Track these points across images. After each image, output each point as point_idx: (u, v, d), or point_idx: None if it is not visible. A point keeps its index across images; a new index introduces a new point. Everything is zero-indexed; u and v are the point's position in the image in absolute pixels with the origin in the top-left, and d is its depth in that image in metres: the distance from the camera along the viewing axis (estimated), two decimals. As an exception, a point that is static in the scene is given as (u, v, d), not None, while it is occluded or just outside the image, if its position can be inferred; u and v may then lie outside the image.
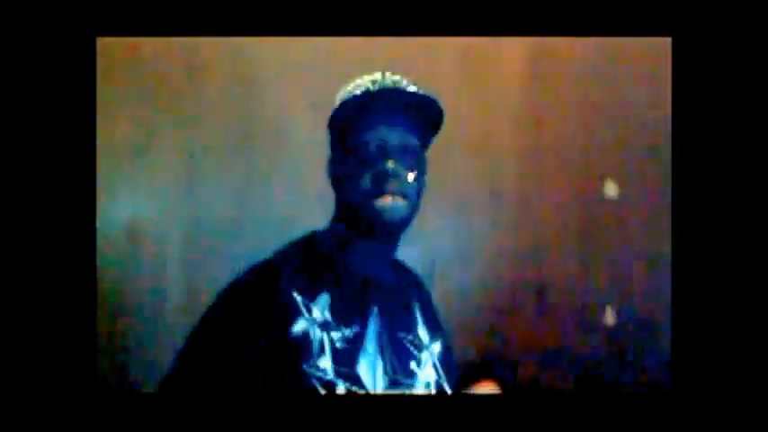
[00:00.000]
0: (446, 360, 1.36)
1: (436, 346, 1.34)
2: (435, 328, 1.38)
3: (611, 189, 1.53)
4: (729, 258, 1.25)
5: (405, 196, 1.23)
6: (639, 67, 1.45)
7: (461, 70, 1.46)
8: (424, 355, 1.30)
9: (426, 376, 1.29)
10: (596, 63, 1.47)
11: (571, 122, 1.51)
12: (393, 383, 1.24)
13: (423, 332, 1.33)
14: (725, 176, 1.26)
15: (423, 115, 1.27)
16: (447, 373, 1.34)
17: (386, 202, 1.21)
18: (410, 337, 1.30)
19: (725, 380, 1.20)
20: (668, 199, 1.27)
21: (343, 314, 1.22)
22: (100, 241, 1.30)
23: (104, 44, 1.40)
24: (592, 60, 1.45)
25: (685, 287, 1.24)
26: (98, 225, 1.38)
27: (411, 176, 1.23)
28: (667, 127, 1.35)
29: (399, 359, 1.25)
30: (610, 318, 1.47)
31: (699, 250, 1.26)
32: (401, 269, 1.40)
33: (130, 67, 1.39)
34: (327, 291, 1.22)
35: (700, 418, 1.18)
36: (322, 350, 1.17)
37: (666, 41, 1.31)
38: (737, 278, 1.24)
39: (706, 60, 1.29)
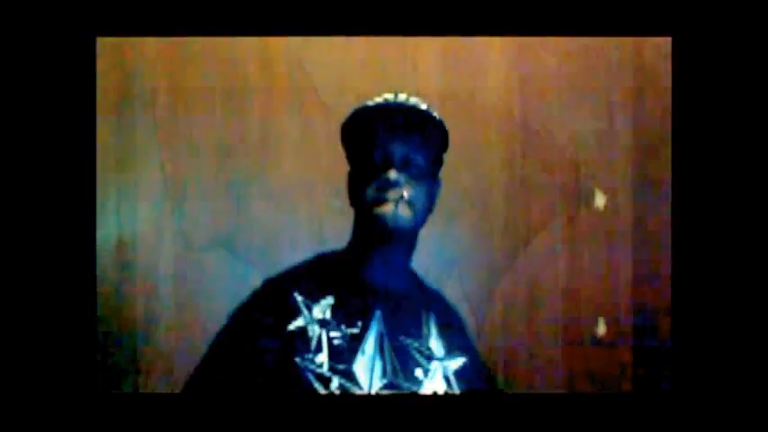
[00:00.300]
0: (467, 378, 1.37)
1: (454, 362, 1.36)
2: (457, 346, 1.39)
3: (599, 200, 1.53)
4: (729, 259, 1.25)
5: (407, 205, 1.28)
6: (631, 68, 1.46)
7: (449, 77, 1.47)
8: (434, 366, 1.32)
9: (434, 386, 1.31)
10: (587, 64, 1.48)
11: (559, 128, 1.51)
12: (391, 386, 1.27)
13: (436, 344, 1.35)
14: (725, 177, 1.26)
15: (427, 132, 1.32)
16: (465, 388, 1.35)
17: (387, 209, 1.26)
18: (416, 345, 1.32)
19: (725, 386, 1.20)
20: (658, 206, 1.27)
21: (344, 315, 1.28)
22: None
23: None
24: (581, 62, 1.46)
25: (686, 293, 1.24)
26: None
27: (414, 187, 1.28)
28: (660, 130, 1.35)
29: (402, 364, 1.29)
30: (602, 328, 1.47)
31: (699, 251, 1.26)
32: (417, 282, 1.43)
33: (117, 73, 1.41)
34: (332, 293, 1.29)
35: (699, 424, 1.18)
36: (320, 346, 1.23)
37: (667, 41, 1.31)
38: (738, 282, 1.24)
39: (706, 60, 1.29)
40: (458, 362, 1.37)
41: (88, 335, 1.32)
